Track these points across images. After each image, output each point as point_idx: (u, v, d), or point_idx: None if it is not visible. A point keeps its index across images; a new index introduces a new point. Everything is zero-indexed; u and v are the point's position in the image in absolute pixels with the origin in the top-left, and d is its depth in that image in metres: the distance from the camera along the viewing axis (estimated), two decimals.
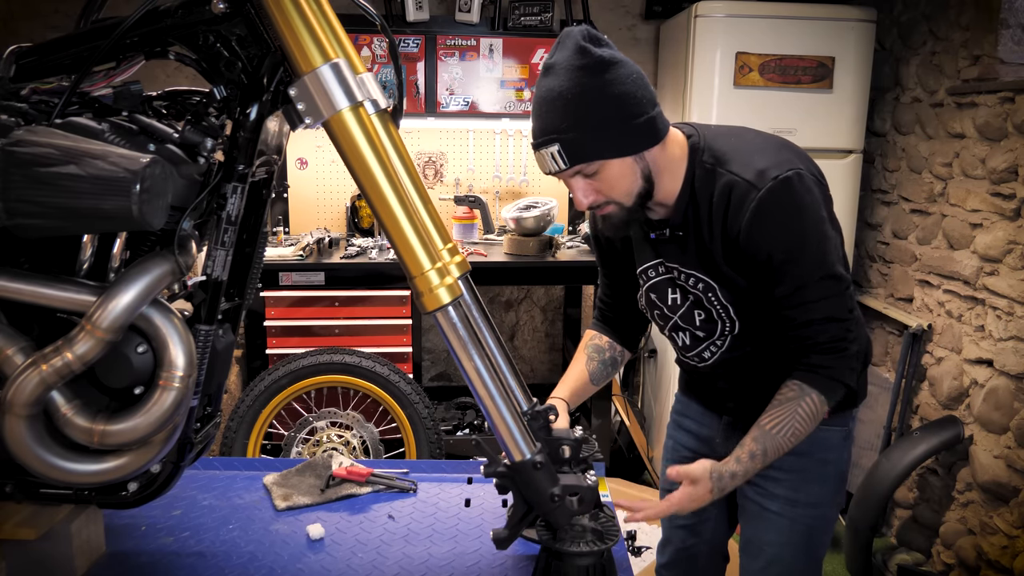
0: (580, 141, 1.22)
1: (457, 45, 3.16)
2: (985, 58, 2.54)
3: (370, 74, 1.09)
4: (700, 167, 1.31)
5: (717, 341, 1.42)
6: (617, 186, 1.27)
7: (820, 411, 1.31)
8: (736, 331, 1.38)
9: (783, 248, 1.25)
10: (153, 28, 1.08)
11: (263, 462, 1.77)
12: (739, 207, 1.26)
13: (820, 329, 1.29)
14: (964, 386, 2.62)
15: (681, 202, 1.33)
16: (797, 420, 1.31)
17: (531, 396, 1.28)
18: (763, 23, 2.89)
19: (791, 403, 1.31)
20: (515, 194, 3.55)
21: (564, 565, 1.22)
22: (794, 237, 1.26)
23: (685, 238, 1.35)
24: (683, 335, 1.46)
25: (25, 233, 1.00)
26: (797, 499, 1.46)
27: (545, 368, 3.89)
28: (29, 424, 1.05)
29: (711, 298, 1.37)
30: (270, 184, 1.25)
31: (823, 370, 1.30)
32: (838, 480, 1.49)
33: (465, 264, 1.16)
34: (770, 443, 1.31)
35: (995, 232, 2.46)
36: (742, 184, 1.26)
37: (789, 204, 1.25)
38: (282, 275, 2.87)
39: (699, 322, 1.41)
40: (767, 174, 1.25)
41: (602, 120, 1.22)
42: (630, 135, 1.24)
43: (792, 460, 1.42)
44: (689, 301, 1.40)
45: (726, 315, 1.37)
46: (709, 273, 1.35)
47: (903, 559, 2.77)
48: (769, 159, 1.27)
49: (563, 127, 1.22)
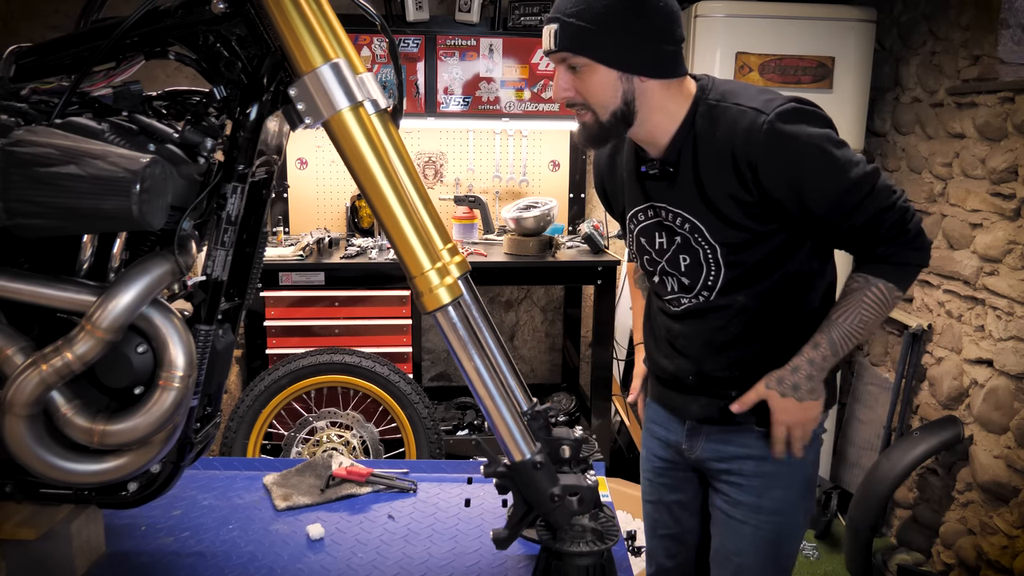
0: (577, 30, 1.21)
1: (457, 45, 3.16)
2: (985, 58, 2.54)
3: (370, 74, 1.09)
4: (704, 104, 1.29)
5: (699, 294, 1.38)
6: (594, 94, 1.25)
7: (890, 298, 1.29)
8: (719, 283, 1.34)
9: (811, 165, 1.23)
10: (153, 28, 1.08)
11: (263, 462, 1.77)
12: (751, 135, 1.23)
13: (875, 223, 1.26)
14: (964, 386, 2.62)
15: (678, 138, 1.30)
16: (863, 307, 1.29)
17: (531, 396, 1.28)
18: (763, 23, 2.89)
19: (857, 293, 1.29)
20: (515, 194, 3.55)
21: (564, 565, 1.22)
22: (817, 150, 1.23)
23: (675, 175, 1.32)
24: (670, 279, 1.41)
25: (25, 233, 1.00)
26: (761, 505, 1.41)
27: (545, 368, 3.89)
28: (29, 424, 1.05)
29: (698, 239, 1.33)
30: (270, 184, 1.25)
31: (889, 257, 1.28)
32: (805, 485, 1.44)
33: (465, 264, 1.16)
34: (836, 331, 1.30)
35: (995, 232, 2.46)
36: (749, 112, 1.24)
37: (803, 121, 1.23)
38: (282, 275, 2.87)
39: (684, 267, 1.37)
40: (773, 101, 1.24)
41: (610, 22, 1.20)
42: (630, 52, 1.23)
43: (753, 465, 1.41)
44: (676, 244, 1.36)
45: (713, 259, 1.33)
46: (699, 212, 1.31)
47: (903, 559, 2.77)
48: (774, 94, 1.27)
49: (571, 10, 1.21)
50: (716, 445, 1.44)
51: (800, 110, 1.25)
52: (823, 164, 1.23)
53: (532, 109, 3.24)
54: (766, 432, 1.37)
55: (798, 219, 1.28)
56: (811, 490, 1.46)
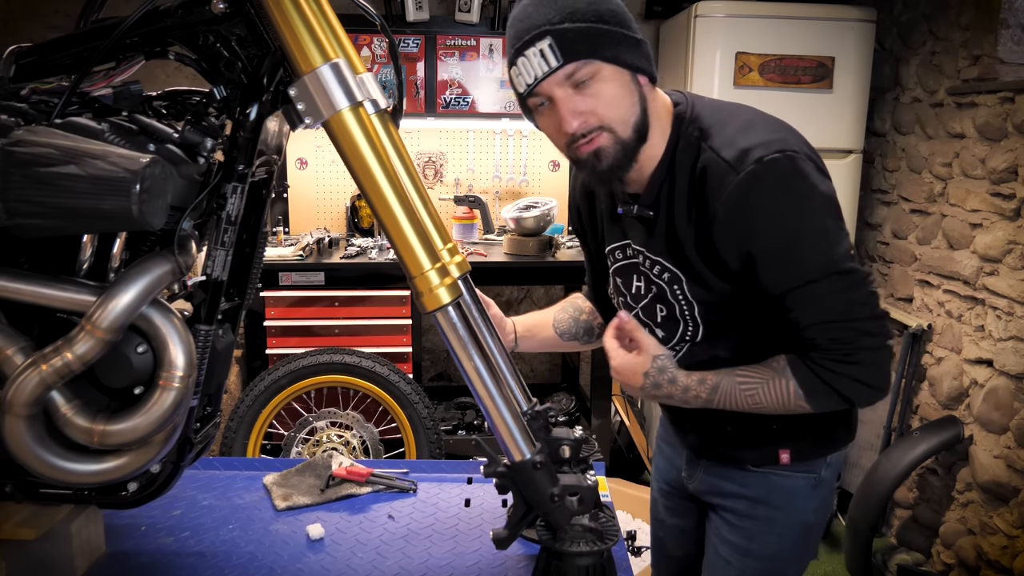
0: (577, 34, 1.06)
1: (457, 45, 3.16)
2: (985, 58, 2.54)
3: (370, 74, 1.08)
4: (685, 138, 1.14)
5: (676, 346, 1.27)
6: (613, 105, 1.10)
7: (792, 401, 1.15)
8: (698, 338, 1.24)
9: (768, 244, 1.08)
10: (153, 28, 1.08)
11: (263, 462, 1.77)
12: (715, 190, 1.09)
13: (822, 330, 1.11)
14: (964, 386, 2.62)
15: (657, 176, 1.17)
16: (762, 391, 1.16)
17: (531, 396, 1.28)
18: (763, 23, 2.90)
19: (769, 371, 1.16)
20: (515, 194, 3.55)
21: (564, 565, 1.22)
22: (781, 230, 1.08)
23: (654, 219, 1.19)
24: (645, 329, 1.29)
25: (25, 233, 1.00)
26: (749, 549, 1.31)
27: (545, 368, 3.89)
28: (29, 424, 1.05)
29: (676, 292, 1.21)
30: (270, 184, 1.25)
31: (818, 368, 1.13)
32: (803, 532, 1.31)
33: (465, 264, 1.16)
34: (727, 385, 1.17)
35: (995, 232, 2.46)
36: (720, 165, 1.08)
37: (773, 189, 1.06)
38: (282, 275, 2.87)
39: (660, 319, 1.26)
40: (750, 155, 1.07)
41: (603, 15, 1.08)
42: (632, 47, 1.10)
43: (746, 505, 1.31)
44: (652, 293, 1.25)
45: (690, 315, 1.22)
46: (677, 262, 1.19)
47: (903, 559, 2.77)
48: (757, 138, 1.09)
49: (556, 19, 1.07)
50: (713, 479, 1.37)
51: (779, 173, 1.06)
52: (782, 248, 1.08)
53: None
54: (765, 473, 1.29)
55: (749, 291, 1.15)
56: (811, 538, 1.34)
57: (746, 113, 1.17)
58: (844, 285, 1.10)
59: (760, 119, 1.15)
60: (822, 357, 1.13)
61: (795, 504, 1.30)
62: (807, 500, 1.30)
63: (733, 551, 1.34)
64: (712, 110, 1.17)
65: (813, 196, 1.09)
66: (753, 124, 1.13)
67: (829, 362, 1.12)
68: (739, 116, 1.16)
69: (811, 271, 1.09)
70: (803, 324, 1.12)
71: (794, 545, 1.32)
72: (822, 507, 1.33)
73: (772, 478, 1.29)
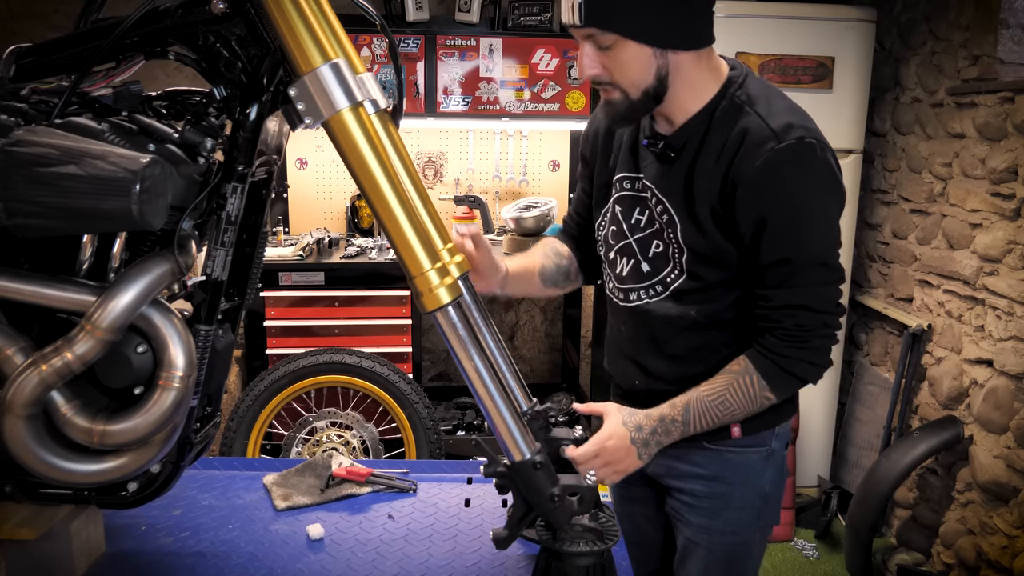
0: (606, 2, 1.10)
1: (457, 45, 3.17)
2: (985, 58, 2.54)
3: (370, 74, 1.08)
4: (729, 99, 1.20)
5: (656, 286, 1.31)
6: (626, 72, 1.15)
7: (759, 395, 1.23)
8: (675, 286, 1.28)
9: (782, 214, 1.15)
10: (153, 28, 1.08)
11: (263, 462, 1.77)
12: (752, 152, 1.15)
13: (789, 314, 1.20)
14: (964, 386, 2.62)
15: (691, 125, 1.22)
16: (730, 395, 1.23)
17: (531, 396, 1.28)
18: (763, 23, 2.90)
19: (732, 375, 1.24)
20: (515, 194, 3.55)
21: (564, 565, 1.22)
22: (797, 206, 1.16)
23: (674, 161, 1.24)
24: (627, 262, 1.34)
25: (25, 233, 1.00)
26: (712, 526, 1.37)
27: (545, 368, 3.89)
28: (29, 424, 1.05)
29: (670, 234, 1.26)
30: (270, 184, 1.25)
31: (775, 356, 1.22)
32: (760, 504, 1.38)
33: (465, 264, 1.16)
34: (696, 402, 1.24)
35: (995, 232, 2.46)
36: (765, 130, 1.15)
37: (805, 169, 1.15)
38: (282, 275, 2.87)
39: (652, 253, 1.30)
40: (793, 131, 1.14)
41: None
42: (664, 24, 1.12)
43: (705, 486, 1.37)
44: (653, 229, 1.29)
45: (678, 257, 1.27)
46: (680, 206, 1.24)
47: (903, 559, 2.77)
48: (800, 120, 1.17)
49: None
50: (668, 461, 1.39)
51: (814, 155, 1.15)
52: (793, 228, 1.17)
53: (532, 109, 3.24)
54: (719, 450, 1.34)
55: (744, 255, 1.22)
56: (769, 508, 1.40)
57: (789, 100, 1.24)
58: (824, 278, 1.20)
59: (801, 109, 1.23)
60: (779, 343, 1.22)
61: (750, 479, 1.37)
62: (761, 473, 1.37)
63: (697, 531, 1.39)
64: (762, 86, 1.24)
65: (835, 187, 1.19)
66: (795, 109, 1.21)
67: (786, 347, 1.22)
68: (785, 99, 1.23)
69: (806, 251, 1.18)
70: (775, 303, 1.21)
71: (754, 517, 1.39)
72: (777, 478, 1.40)
73: (726, 455, 1.35)
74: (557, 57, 3.19)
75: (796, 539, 3.04)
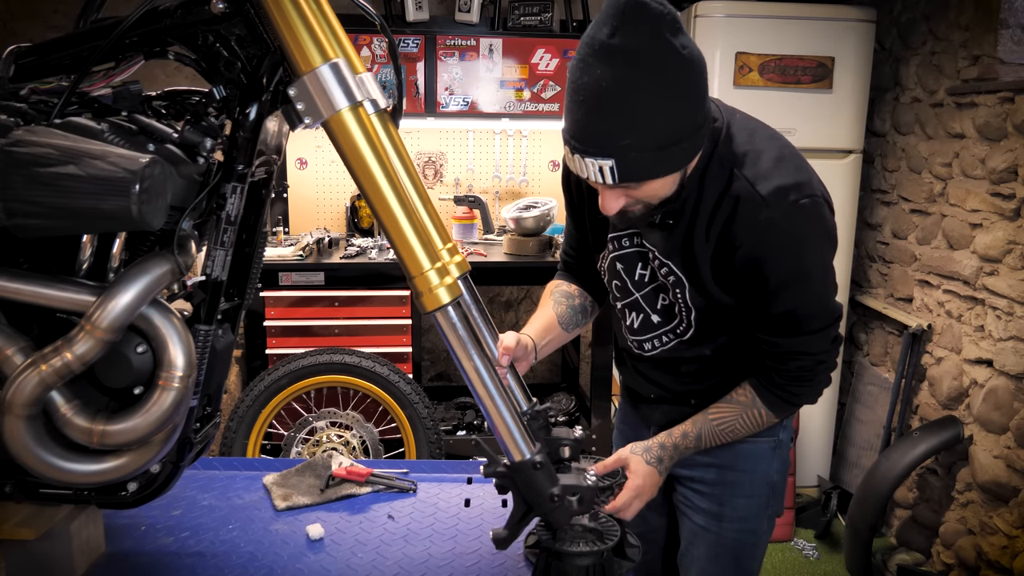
0: (641, 161, 1.06)
1: (457, 45, 3.16)
2: (985, 58, 2.54)
3: (370, 74, 1.08)
4: (717, 159, 1.18)
5: (667, 335, 1.35)
6: (655, 195, 1.15)
7: (765, 424, 1.32)
8: (687, 336, 1.32)
9: (784, 275, 1.18)
10: (152, 28, 1.08)
11: (263, 462, 1.77)
12: (747, 223, 1.15)
13: (794, 358, 1.26)
14: (964, 386, 2.62)
15: (686, 192, 1.20)
16: (739, 424, 1.32)
17: (531, 396, 1.28)
18: (763, 23, 2.90)
19: (740, 407, 1.31)
20: (515, 194, 3.55)
21: (564, 565, 1.22)
22: (797, 268, 1.18)
23: (673, 227, 1.24)
24: (637, 315, 1.37)
25: (25, 233, 1.00)
26: (722, 513, 1.42)
27: (545, 368, 3.89)
28: (29, 424, 1.05)
29: (677, 294, 1.28)
30: (269, 184, 1.25)
31: (780, 392, 1.29)
32: (768, 492, 1.43)
33: (465, 264, 1.16)
34: (706, 431, 1.32)
35: (995, 232, 2.46)
36: (755, 198, 1.14)
37: (801, 233, 1.16)
38: (282, 275, 2.87)
39: (660, 306, 1.32)
40: (783, 195, 1.14)
41: (674, 136, 1.05)
42: (692, 148, 1.11)
43: (716, 473, 1.41)
44: (657, 283, 1.32)
45: (686, 314, 1.30)
46: (685, 269, 1.25)
47: (903, 559, 2.77)
48: (790, 177, 1.15)
49: (626, 143, 1.04)
50: None
51: (808, 218, 1.16)
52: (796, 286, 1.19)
53: (532, 109, 3.24)
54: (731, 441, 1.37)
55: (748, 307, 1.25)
56: (776, 497, 1.45)
57: (775, 142, 1.22)
58: (824, 322, 1.24)
59: (788, 153, 1.21)
60: (783, 382, 1.28)
61: (759, 467, 1.41)
62: (770, 462, 1.42)
63: (708, 517, 1.43)
64: (747, 133, 1.21)
65: (830, 239, 1.21)
66: (784, 159, 1.18)
67: (790, 384, 1.28)
68: (771, 146, 1.20)
69: (809, 303, 1.22)
70: (781, 349, 1.25)
71: (762, 505, 1.44)
72: (783, 467, 1.45)
73: (737, 445, 1.38)
74: (557, 57, 3.19)
75: (796, 539, 3.04)
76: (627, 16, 1.00)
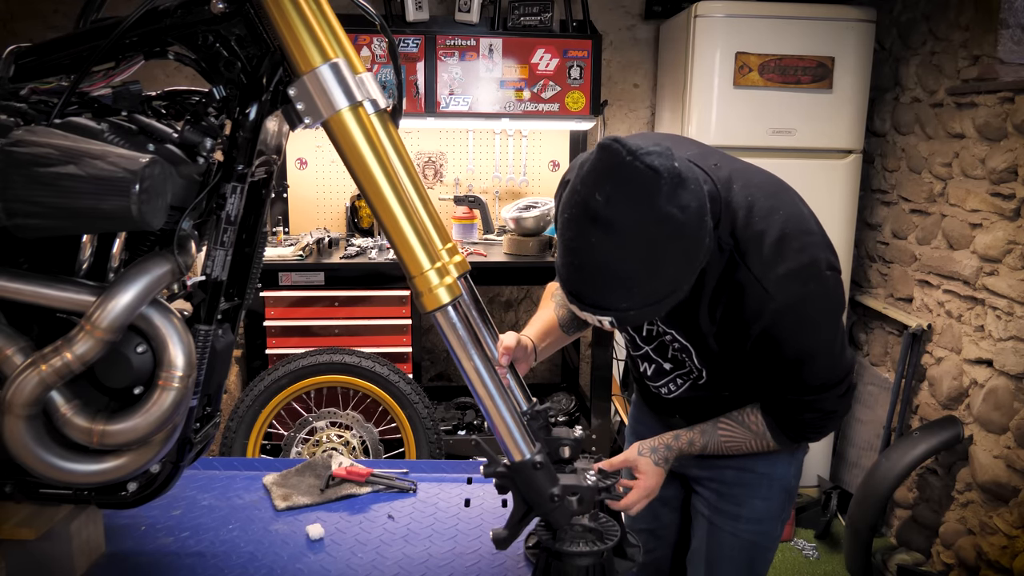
0: (640, 316, 1.11)
1: (457, 45, 3.16)
2: (985, 58, 2.54)
3: (369, 74, 1.08)
4: (715, 240, 1.16)
5: (681, 378, 1.39)
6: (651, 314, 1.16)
7: (771, 450, 1.36)
8: (702, 382, 1.36)
9: (793, 353, 1.20)
10: (152, 28, 1.08)
11: (263, 462, 1.77)
12: (754, 313, 1.16)
13: (806, 409, 1.29)
14: (964, 386, 2.62)
15: None
16: (746, 446, 1.35)
17: (531, 396, 1.28)
18: (763, 23, 2.89)
19: (751, 434, 1.33)
20: (515, 194, 3.55)
21: (564, 565, 1.22)
22: (808, 347, 1.20)
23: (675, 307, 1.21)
24: (650, 365, 1.42)
25: (25, 233, 1.00)
26: (740, 514, 1.44)
27: (545, 368, 3.89)
28: (28, 424, 1.05)
29: (683, 357, 1.34)
30: (269, 184, 1.25)
31: (792, 432, 1.32)
32: (784, 496, 1.46)
33: (464, 264, 1.16)
34: (713, 443, 1.35)
35: (995, 232, 2.46)
36: (758, 290, 1.15)
37: (809, 319, 1.18)
38: (282, 275, 2.86)
39: (671, 354, 1.37)
40: (789, 285, 1.14)
41: (670, 289, 1.08)
42: (690, 285, 1.11)
43: (736, 475, 1.43)
44: (665, 339, 1.35)
45: (697, 368, 1.34)
46: (690, 340, 1.29)
47: (903, 559, 2.77)
48: (793, 260, 1.15)
49: (623, 306, 1.07)
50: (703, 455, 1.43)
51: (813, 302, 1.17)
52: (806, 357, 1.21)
53: (532, 109, 3.24)
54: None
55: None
56: (790, 500, 1.48)
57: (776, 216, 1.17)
58: (836, 383, 1.26)
59: (791, 228, 1.17)
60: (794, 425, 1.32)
61: (777, 470, 1.44)
62: (787, 466, 1.45)
63: (725, 518, 1.46)
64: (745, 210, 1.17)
65: (838, 305, 1.24)
66: (785, 239, 1.15)
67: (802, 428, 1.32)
68: (772, 224, 1.16)
69: (820, 373, 1.25)
70: (794, 403, 1.29)
71: (778, 508, 1.46)
72: (798, 472, 1.49)
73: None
74: (557, 57, 3.19)
75: (796, 539, 3.04)
76: (619, 181, 0.98)
